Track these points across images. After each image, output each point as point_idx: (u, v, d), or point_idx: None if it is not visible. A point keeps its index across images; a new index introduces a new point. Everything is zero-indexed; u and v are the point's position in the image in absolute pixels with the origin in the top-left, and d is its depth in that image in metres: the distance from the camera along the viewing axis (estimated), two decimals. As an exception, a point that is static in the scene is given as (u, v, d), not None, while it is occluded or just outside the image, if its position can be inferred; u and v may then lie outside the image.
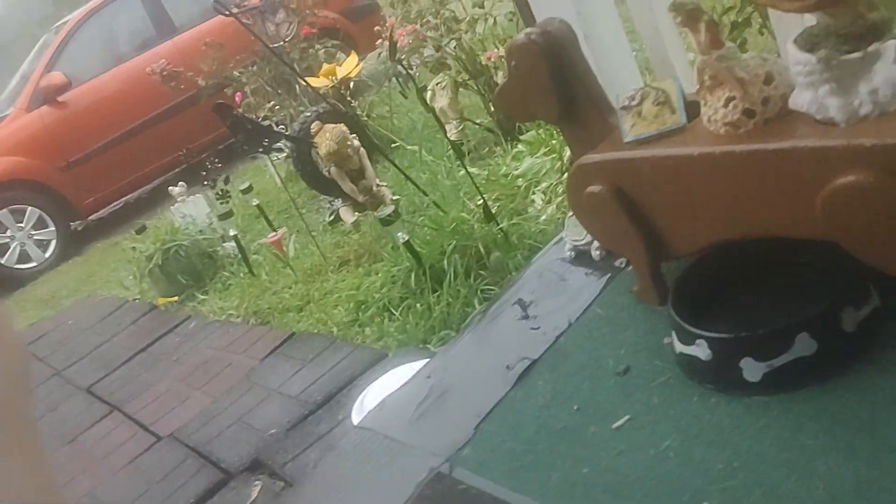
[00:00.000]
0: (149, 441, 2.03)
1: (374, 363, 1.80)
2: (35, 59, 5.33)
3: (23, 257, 4.86)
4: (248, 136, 2.31)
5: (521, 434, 1.20)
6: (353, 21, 5.26)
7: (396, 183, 2.81)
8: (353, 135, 2.37)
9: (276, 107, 3.28)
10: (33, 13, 11.74)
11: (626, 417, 1.11)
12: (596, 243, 1.46)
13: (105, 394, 2.46)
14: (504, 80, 1.32)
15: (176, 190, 3.34)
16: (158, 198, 5.36)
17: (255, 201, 3.29)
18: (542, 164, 2.17)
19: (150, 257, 2.92)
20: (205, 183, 3.32)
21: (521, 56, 1.24)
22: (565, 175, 1.70)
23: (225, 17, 2.29)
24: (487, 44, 2.85)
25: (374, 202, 2.49)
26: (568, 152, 1.75)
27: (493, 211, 1.98)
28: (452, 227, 1.97)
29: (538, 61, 1.21)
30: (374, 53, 3.94)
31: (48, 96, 4.81)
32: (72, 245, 4.97)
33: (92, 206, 5.18)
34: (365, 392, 1.64)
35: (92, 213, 5.26)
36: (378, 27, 3.08)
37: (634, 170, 1.16)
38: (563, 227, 1.58)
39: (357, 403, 1.61)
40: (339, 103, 2.55)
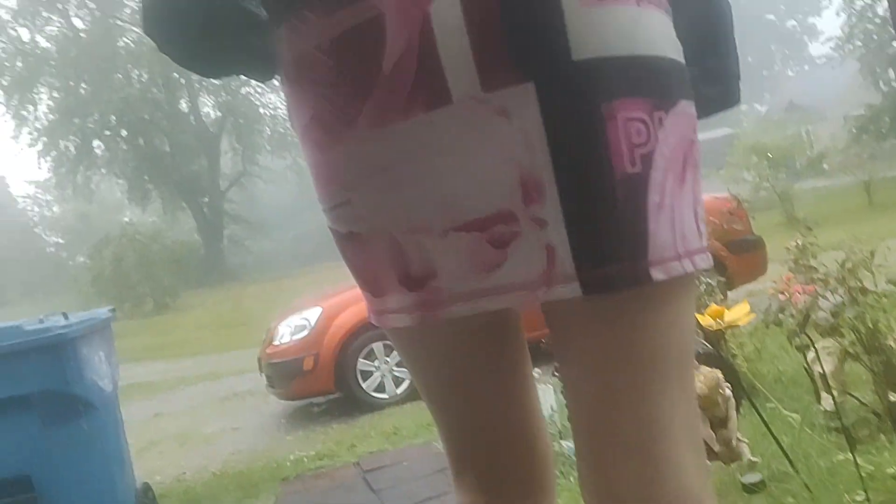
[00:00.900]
0: None
1: None
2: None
3: (379, 387, 5.51)
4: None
5: None
6: (734, 253, 5.27)
7: (753, 438, 2.66)
8: (728, 384, 2.33)
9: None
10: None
11: None
12: None
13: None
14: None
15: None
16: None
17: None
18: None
19: (494, 432, 3.10)
20: (555, 374, 3.49)
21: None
22: None
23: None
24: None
25: (730, 455, 2.38)
26: None
27: (880, 519, 1.77)
28: (825, 522, 1.80)
29: None
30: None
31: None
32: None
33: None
34: None
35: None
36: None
37: None
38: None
39: None
40: (718, 348, 2.54)
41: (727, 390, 2.35)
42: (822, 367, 2.75)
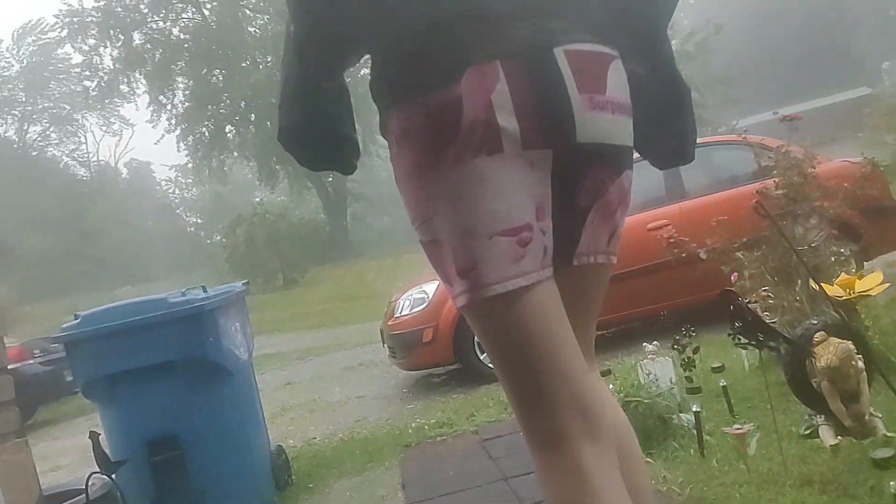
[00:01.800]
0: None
1: None
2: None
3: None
4: (744, 327, 2.33)
5: None
6: (869, 220, 4.93)
7: (888, 414, 2.52)
8: (859, 355, 2.21)
9: (770, 297, 3.24)
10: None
11: None
12: None
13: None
14: None
15: (650, 347, 3.50)
16: (623, 340, 5.67)
17: (723, 382, 3.26)
18: None
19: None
20: (674, 347, 3.42)
21: None
22: None
23: (760, 215, 2.39)
24: None
25: (862, 431, 2.27)
26: None
27: None
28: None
29: None
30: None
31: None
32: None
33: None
34: None
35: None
36: None
37: None
38: None
39: None
40: (849, 319, 2.41)
41: (859, 363, 2.23)
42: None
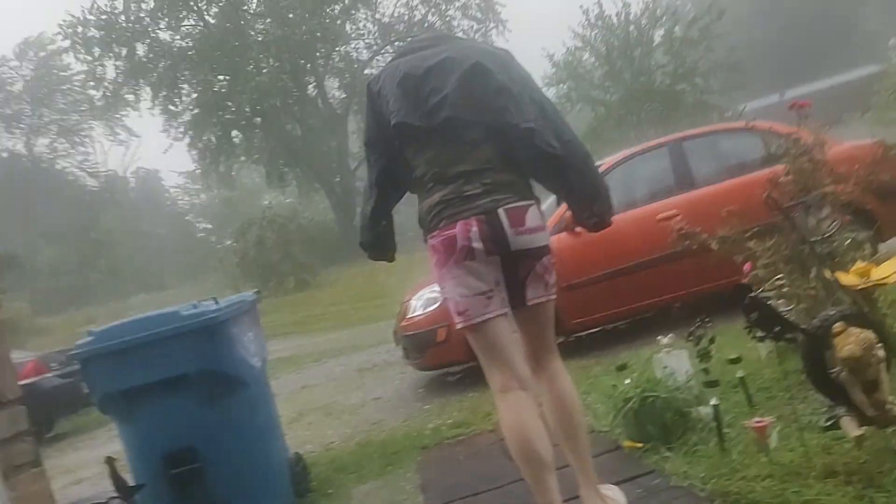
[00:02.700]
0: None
1: None
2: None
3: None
4: (760, 319, 2.31)
5: None
6: (881, 200, 4.87)
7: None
8: (880, 344, 2.18)
9: (784, 285, 3.20)
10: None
11: None
12: None
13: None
14: None
15: (665, 340, 3.47)
16: (636, 332, 5.64)
17: (740, 373, 3.23)
18: None
19: (628, 400, 3.08)
20: (689, 339, 3.39)
21: None
22: None
23: (773, 209, 2.37)
24: None
25: (884, 420, 2.24)
26: None
27: None
28: None
29: None
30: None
31: (568, 226, 5.43)
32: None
33: (577, 326, 5.68)
34: None
35: (574, 333, 5.78)
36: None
37: None
38: None
39: None
40: (867, 307, 2.38)
41: (880, 352, 2.20)
42: None
